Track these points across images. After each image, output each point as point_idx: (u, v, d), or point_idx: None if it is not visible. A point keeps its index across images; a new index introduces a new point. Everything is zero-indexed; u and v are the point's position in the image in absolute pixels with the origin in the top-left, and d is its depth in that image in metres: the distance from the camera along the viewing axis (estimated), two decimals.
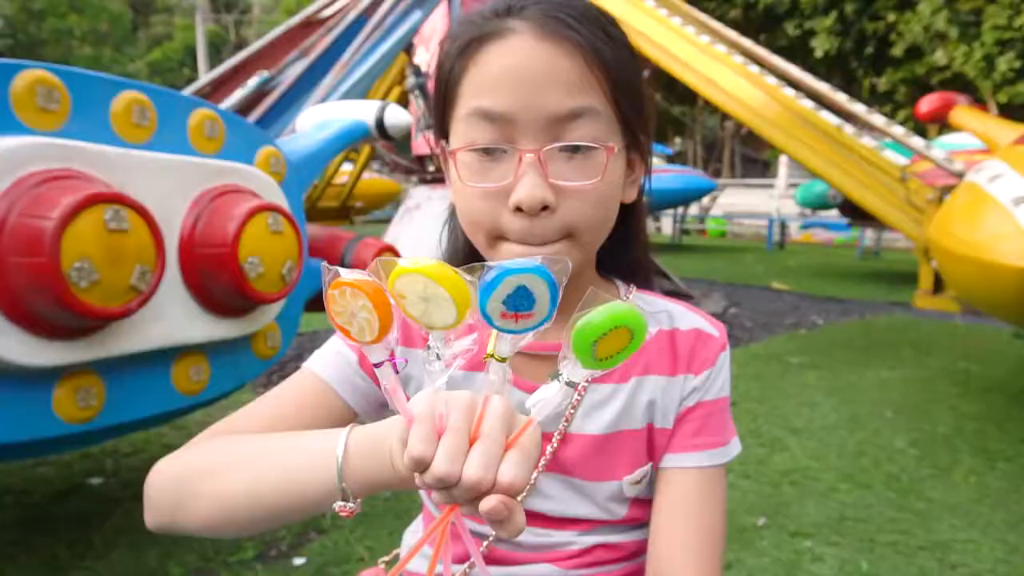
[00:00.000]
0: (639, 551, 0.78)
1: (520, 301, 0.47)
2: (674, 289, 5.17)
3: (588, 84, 0.65)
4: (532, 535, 0.75)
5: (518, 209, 0.65)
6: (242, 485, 0.63)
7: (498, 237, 0.68)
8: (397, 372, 0.52)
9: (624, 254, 0.81)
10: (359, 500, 0.58)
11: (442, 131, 0.73)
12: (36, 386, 1.57)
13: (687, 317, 0.79)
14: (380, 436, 0.57)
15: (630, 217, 0.78)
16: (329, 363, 0.75)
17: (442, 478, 0.46)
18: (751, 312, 6.34)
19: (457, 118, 0.69)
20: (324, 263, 0.50)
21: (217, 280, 1.86)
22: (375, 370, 0.51)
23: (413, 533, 0.88)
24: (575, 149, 0.65)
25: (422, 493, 0.80)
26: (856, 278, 9.07)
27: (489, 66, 0.65)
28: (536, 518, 0.75)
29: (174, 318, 1.82)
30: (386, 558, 0.85)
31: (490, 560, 0.75)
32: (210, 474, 0.65)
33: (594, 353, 0.48)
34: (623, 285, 0.82)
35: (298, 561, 2.13)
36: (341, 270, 0.49)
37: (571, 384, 0.50)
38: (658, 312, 0.79)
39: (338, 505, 0.58)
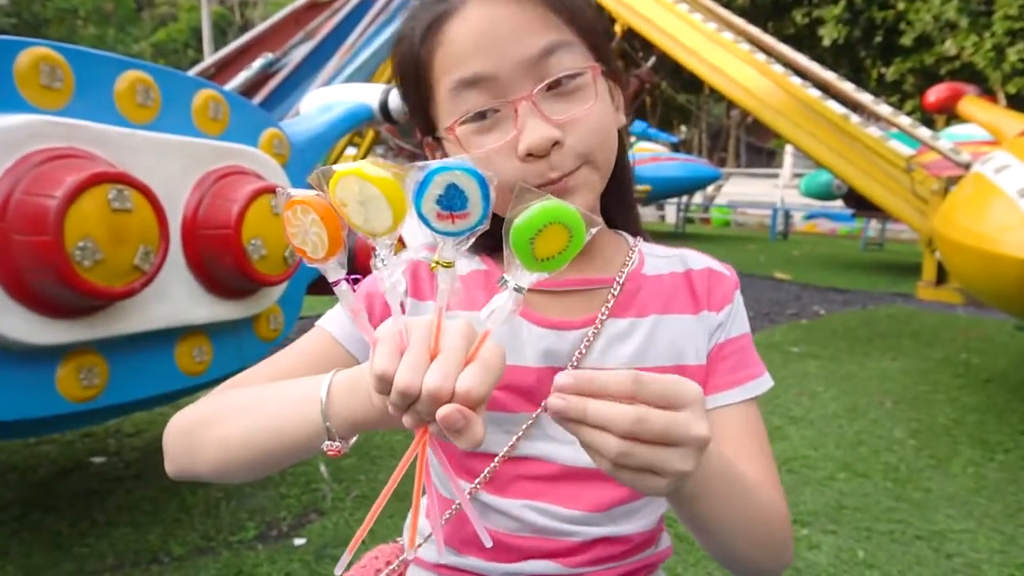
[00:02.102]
0: (644, 543, 0.77)
1: (453, 200, 0.48)
2: None
3: (551, 23, 0.67)
4: (537, 513, 0.73)
5: (529, 155, 0.66)
6: (239, 430, 0.66)
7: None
8: (355, 291, 0.54)
9: (617, 190, 0.81)
10: (348, 441, 0.61)
11: (427, 127, 0.74)
12: (39, 364, 1.58)
13: (698, 258, 0.82)
14: (359, 375, 0.60)
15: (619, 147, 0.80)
16: (338, 319, 0.76)
17: (404, 390, 0.48)
18: (753, 301, 6.34)
19: (441, 101, 0.70)
20: (280, 187, 0.52)
21: (220, 261, 1.86)
22: (335, 289, 0.53)
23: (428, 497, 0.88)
24: (562, 83, 0.67)
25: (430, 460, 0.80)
26: (859, 268, 9.05)
27: (454, 41, 0.67)
28: (545, 481, 0.73)
29: (177, 299, 1.83)
30: (403, 537, 0.86)
31: (491, 555, 0.75)
32: (213, 422, 0.68)
33: (533, 252, 0.49)
34: (630, 237, 0.83)
35: (298, 541, 2.15)
36: (292, 190, 0.51)
37: (519, 289, 0.51)
38: (671, 256, 0.82)
39: (325, 444, 0.60)
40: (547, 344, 0.73)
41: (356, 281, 0.56)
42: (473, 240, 0.51)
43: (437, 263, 0.51)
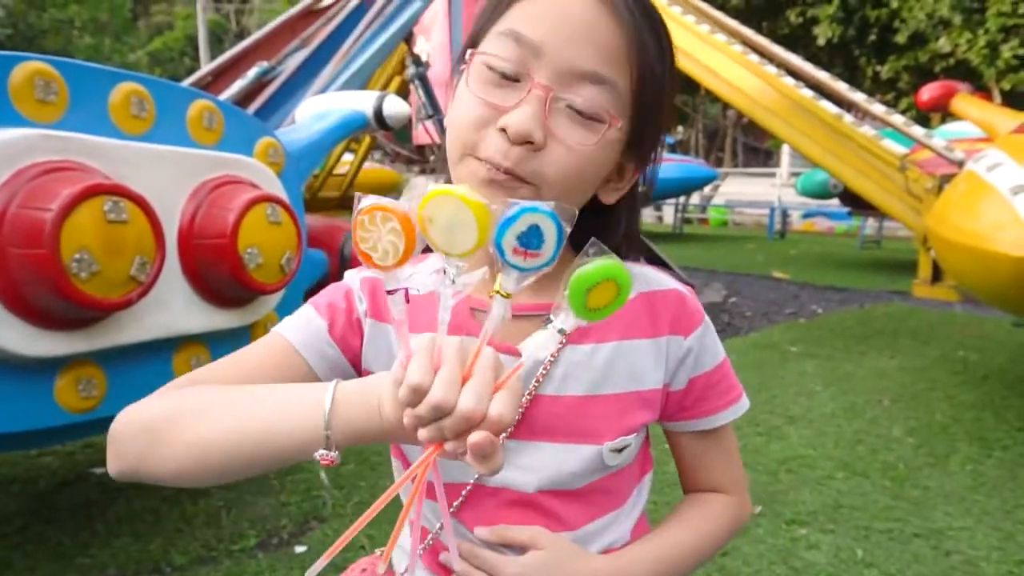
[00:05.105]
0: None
1: (531, 239, 0.51)
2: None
3: (620, 62, 0.66)
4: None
5: (503, 130, 0.65)
6: (219, 432, 0.62)
7: (469, 153, 0.67)
8: (408, 302, 0.54)
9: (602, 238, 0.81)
10: (339, 451, 0.60)
11: (473, 42, 0.72)
12: (38, 376, 1.59)
13: (662, 279, 0.80)
14: (369, 387, 0.59)
15: (610, 216, 0.77)
16: (299, 328, 0.74)
17: (438, 405, 0.50)
18: (751, 301, 6.35)
19: (492, 34, 0.69)
20: (357, 193, 0.53)
21: (216, 270, 1.87)
22: (388, 298, 0.54)
23: (411, 522, 0.89)
24: (582, 114, 0.66)
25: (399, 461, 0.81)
26: (856, 267, 9.06)
27: (541, 2, 0.66)
28: (510, 507, 0.74)
29: (174, 308, 1.83)
30: (384, 547, 0.86)
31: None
32: (183, 421, 0.64)
33: (586, 302, 0.53)
34: None
35: (299, 549, 2.15)
36: (372, 197, 0.51)
37: (562, 332, 0.54)
38: (634, 275, 0.80)
39: (320, 454, 0.59)
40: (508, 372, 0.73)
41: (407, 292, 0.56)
42: (534, 279, 0.53)
43: (497, 291, 0.53)
